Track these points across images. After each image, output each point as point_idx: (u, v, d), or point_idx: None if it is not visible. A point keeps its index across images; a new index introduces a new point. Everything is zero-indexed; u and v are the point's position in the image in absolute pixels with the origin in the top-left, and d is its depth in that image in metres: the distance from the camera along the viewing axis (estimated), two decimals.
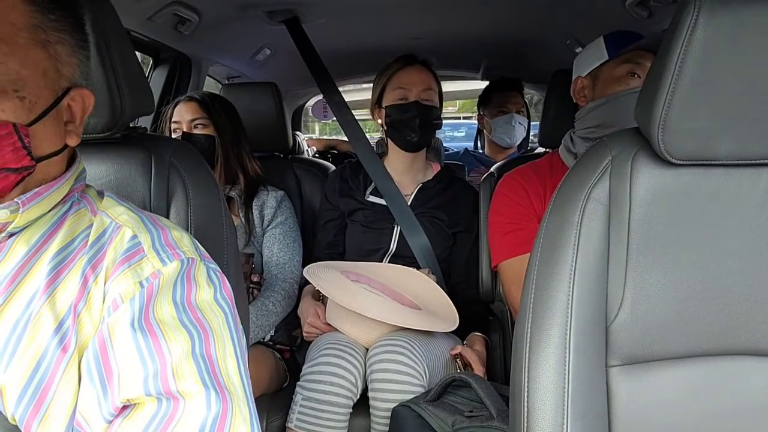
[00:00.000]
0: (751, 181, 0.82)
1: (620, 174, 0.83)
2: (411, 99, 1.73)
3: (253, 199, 1.76)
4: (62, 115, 0.70)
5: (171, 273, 0.68)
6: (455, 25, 2.23)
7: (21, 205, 0.67)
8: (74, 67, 0.71)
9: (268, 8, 1.85)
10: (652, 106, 0.77)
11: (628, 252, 0.83)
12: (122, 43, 0.96)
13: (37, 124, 0.66)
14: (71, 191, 0.74)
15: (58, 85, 0.69)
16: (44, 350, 0.64)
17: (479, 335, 1.62)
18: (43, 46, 0.66)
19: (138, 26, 1.70)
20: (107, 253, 0.70)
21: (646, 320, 0.84)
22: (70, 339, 0.65)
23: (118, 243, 0.70)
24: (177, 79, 2.26)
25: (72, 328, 0.65)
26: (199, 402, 0.60)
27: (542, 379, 0.82)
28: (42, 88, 0.66)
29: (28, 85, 0.64)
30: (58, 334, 0.65)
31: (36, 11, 0.66)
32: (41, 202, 0.70)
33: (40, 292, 0.66)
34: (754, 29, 0.71)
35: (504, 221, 1.49)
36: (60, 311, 0.66)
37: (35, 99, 0.65)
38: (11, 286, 0.67)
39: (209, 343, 0.65)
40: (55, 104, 0.68)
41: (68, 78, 0.70)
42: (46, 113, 0.67)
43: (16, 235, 0.69)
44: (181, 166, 1.04)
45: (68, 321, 0.66)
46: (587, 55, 1.47)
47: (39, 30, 0.66)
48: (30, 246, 0.69)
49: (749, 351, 0.86)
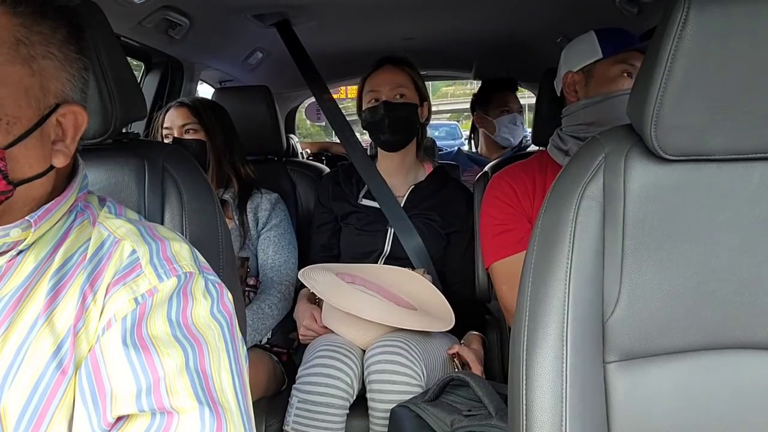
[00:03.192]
0: (743, 176, 0.82)
1: (614, 170, 0.83)
2: (381, 100, 1.74)
3: (247, 202, 1.76)
4: (48, 134, 0.66)
5: (167, 290, 0.66)
6: (446, 25, 2.24)
7: (33, 224, 0.66)
8: (64, 83, 0.67)
9: (258, 11, 1.84)
10: (644, 102, 0.78)
11: (623, 248, 0.83)
12: (113, 49, 0.96)
13: (17, 146, 0.62)
14: (75, 201, 0.73)
15: (43, 103, 0.65)
16: (42, 372, 0.63)
17: (476, 334, 1.63)
18: (26, 62, 0.63)
19: (128, 31, 1.69)
20: (106, 268, 0.68)
21: (642, 316, 0.84)
22: (69, 361, 0.63)
23: (117, 259, 0.69)
24: (169, 84, 2.25)
25: (71, 350, 0.64)
26: (193, 418, 0.59)
27: (540, 377, 0.82)
28: (23, 107, 0.63)
29: (5, 105, 0.61)
30: (57, 356, 0.63)
31: (20, 25, 0.63)
32: (50, 218, 0.68)
33: (41, 313, 0.65)
34: (743, 24, 0.72)
35: (494, 222, 1.49)
36: (59, 333, 0.64)
37: (14, 120, 0.62)
38: (18, 305, 0.65)
39: (203, 357, 0.63)
40: (40, 123, 0.64)
41: (56, 94, 0.66)
42: (27, 134, 0.63)
43: (25, 251, 0.68)
44: (174, 171, 1.03)
45: (67, 343, 0.64)
46: (578, 50, 1.46)
47: (21, 45, 0.62)
48: (38, 262, 0.68)
49: (745, 344, 0.86)
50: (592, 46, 1.41)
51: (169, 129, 1.75)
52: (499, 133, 2.72)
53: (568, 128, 1.46)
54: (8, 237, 0.65)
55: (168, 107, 1.79)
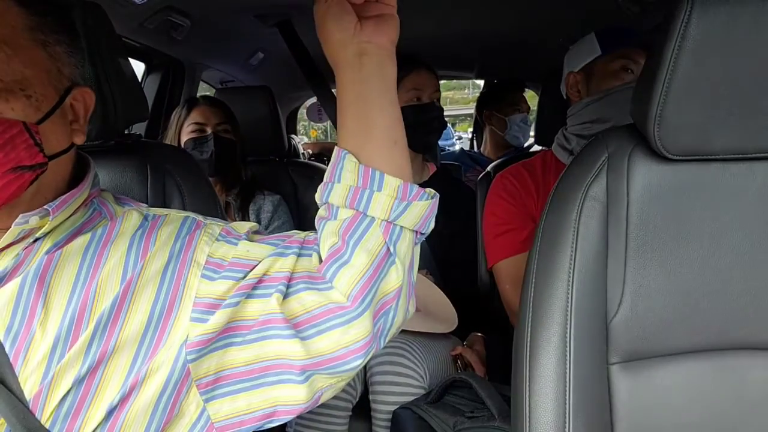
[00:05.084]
0: (747, 175, 0.82)
1: (617, 171, 0.83)
2: (425, 100, 1.74)
3: (249, 204, 1.76)
4: (67, 113, 0.72)
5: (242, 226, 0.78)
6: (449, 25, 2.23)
7: (51, 212, 0.69)
8: (73, 68, 0.72)
9: (260, 12, 1.84)
10: (647, 102, 0.77)
11: (626, 249, 0.83)
12: (115, 50, 0.95)
13: (46, 122, 0.67)
14: (90, 196, 0.77)
15: (61, 84, 0.70)
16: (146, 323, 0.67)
17: (479, 335, 1.62)
18: (43, 47, 0.68)
19: (130, 32, 1.69)
20: (161, 230, 0.74)
21: (645, 316, 0.84)
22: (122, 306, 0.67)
23: (173, 224, 0.75)
24: (171, 85, 2.25)
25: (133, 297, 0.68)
26: None
27: (543, 378, 0.82)
28: (47, 86, 0.68)
29: (33, 84, 0.66)
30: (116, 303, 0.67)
31: (31, 14, 0.67)
32: (67, 208, 0.72)
33: (86, 280, 0.68)
34: (746, 23, 0.71)
35: (497, 222, 1.49)
36: (114, 290, 0.68)
37: (41, 98, 0.67)
38: (44, 284, 0.67)
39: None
40: (60, 102, 0.69)
41: (69, 77, 0.72)
42: (52, 111, 0.68)
43: (41, 239, 0.71)
44: (176, 173, 1.03)
45: (129, 292, 0.68)
46: (578, 51, 1.47)
47: (37, 31, 0.67)
48: (53, 244, 0.70)
49: (749, 345, 0.86)
50: (591, 44, 1.42)
51: (202, 124, 1.74)
52: (510, 132, 2.72)
53: (572, 127, 1.46)
54: (27, 224, 0.68)
55: (194, 102, 1.78)
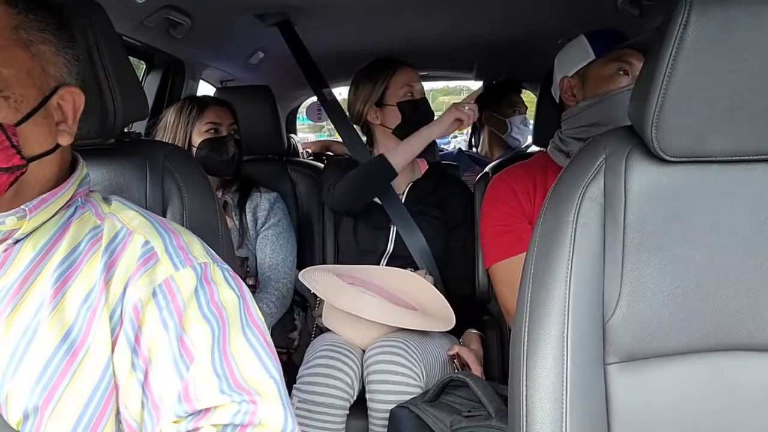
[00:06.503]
0: (744, 177, 0.82)
1: (615, 172, 0.83)
2: (417, 96, 1.78)
3: (246, 202, 1.76)
4: (52, 114, 0.70)
5: (187, 284, 0.69)
6: (448, 25, 2.23)
7: (28, 213, 0.68)
8: (61, 67, 0.71)
9: (260, 11, 1.84)
10: (645, 103, 0.78)
11: (623, 249, 0.83)
12: (115, 48, 0.95)
13: (25, 123, 0.66)
14: (74, 196, 0.75)
15: (45, 84, 0.69)
16: (50, 356, 0.64)
17: (475, 332, 1.63)
18: (26, 46, 0.67)
19: (130, 31, 1.69)
20: (120, 257, 0.70)
21: (643, 317, 0.84)
22: (81, 345, 0.65)
23: (131, 250, 0.71)
24: (171, 84, 2.25)
25: (83, 333, 0.66)
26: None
27: (540, 378, 0.82)
28: (28, 87, 0.67)
29: (12, 85, 0.65)
30: (66, 340, 0.65)
31: (15, 12, 0.66)
32: (47, 208, 0.70)
33: (48, 300, 0.67)
34: (744, 25, 0.72)
35: (495, 223, 1.49)
36: (68, 319, 0.66)
37: (21, 98, 0.66)
38: (20, 293, 0.67)
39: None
40: (43, 103, 0.68)
41: (55, 77, 0.70)
42: (33, 112, 0.67)
43: (22, 240, 0.70)
44: (175, 171, 1.03)
45: (76, 329, 0.66)
46: (570, 55, 1.46)
47: (20, 30, 0.66)
48: (36, 251, 0.70)
49: (745, 346, 0.86)
50: (584, 48, 1.42)
51: (218, 124, 1.74)
52: (510, 133, 2.72)
53: (569, 131, 1.46)
54: (4, 225, 0.67)
55: (206, 102, 1.79)
